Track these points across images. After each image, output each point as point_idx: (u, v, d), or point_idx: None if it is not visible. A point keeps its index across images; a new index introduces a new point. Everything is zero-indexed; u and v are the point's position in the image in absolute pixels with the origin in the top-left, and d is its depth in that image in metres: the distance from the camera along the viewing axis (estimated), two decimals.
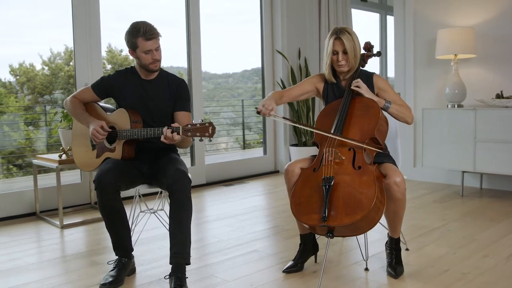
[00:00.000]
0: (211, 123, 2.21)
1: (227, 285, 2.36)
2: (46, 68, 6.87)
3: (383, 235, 2.90)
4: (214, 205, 4.22)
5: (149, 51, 2.41)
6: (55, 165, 3.53)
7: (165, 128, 2.25)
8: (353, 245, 2.93)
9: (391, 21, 6.57)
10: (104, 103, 2.83)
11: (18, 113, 6.10)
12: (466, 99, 4.40)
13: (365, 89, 2.45)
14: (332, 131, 2.38)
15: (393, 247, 2.47)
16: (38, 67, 6.82)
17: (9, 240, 3.23)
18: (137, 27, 2.40)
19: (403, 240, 2.77)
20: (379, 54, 2.72)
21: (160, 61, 2.49)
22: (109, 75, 2.60)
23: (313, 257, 2.63)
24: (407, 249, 2.82)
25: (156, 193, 3.91)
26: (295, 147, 5.54)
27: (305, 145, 5.57)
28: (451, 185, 4.73)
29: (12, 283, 2.46)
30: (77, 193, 4.13)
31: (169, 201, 2.33)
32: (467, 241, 2.98)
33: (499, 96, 4.14)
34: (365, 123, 2.37)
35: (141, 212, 2.94)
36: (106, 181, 2.28)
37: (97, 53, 4.23)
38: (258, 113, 2.38)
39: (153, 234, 3.24)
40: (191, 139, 2.41)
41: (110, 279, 2.33)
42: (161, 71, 2.60)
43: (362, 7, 6.89)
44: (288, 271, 2.50)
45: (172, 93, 2.56)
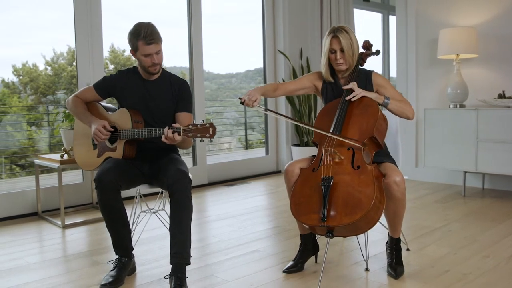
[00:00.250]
0: (211, 123, 2.22)
1: (227, 285, 2.37)
2: (49, 68, 6.88)
3: (383, 235, 2.90)
4: (216, 205, 4.22)
5: (149, 55, 2.41)
6: (56, 165, 3.55)
7: (166, 128, 2.26)
8: (353, 245, 2.92)
9: (393, 21, 6.55)
10: (106, 102, 2.84)
11: (21, 113, 6.12)
12: (468, 99, 4.39)
13: (362, 93, 2.42)
14: (331, 130, 2.38)
15: (393, 247, 2.47)
16: (41, 67, 6.83)
17: (11, 239, 3.24)
18: (138, 29, 2.39)
19: (403, 240, 2.77)
20: (378, 52, 2.70)
21: (160, 65, 2.50)
22: (111, 75, 2.60)
23: (313, 257, 2.63)
24: (408, 249, 2.81)
25: (157, 193, 3.92)
26: (297, 147, 5.54)
27: (307, 145, 5.57)
28: (453, 185, 4.72)
29: (13, 282, 2.47)
30: (79, 193, 4.14)
31: (170, 201, 2.34)
32: (468, 241, 2.97)
33: (501, 96, 4.13)
34: (364, 122, 2.37)
35: (142, 212, 2.95)
36: (106, 180, 2.29)
37: (99, 53, 4.24)
38: (242, 103, 2.36)
39: (154, 234, 3.25)
40: (192, 140, 2.42)
41: (110, 279, 2.34)
42: (164, 71, 2.61)
43: (364, 7, 6.87)
44: (288, 271, 2.50)
45: (174, 93, 2.57)
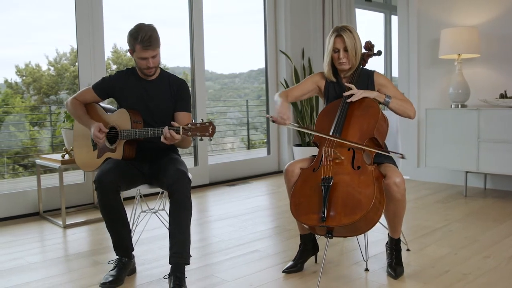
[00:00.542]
0: (211, 122, 2.22)
1: (226, 285, 2.37)
2: (52, 68, 6.91)
3: (383, 236, 2.89)
4: (217, 205, 4.23)
5: (145, 58, 2.41)
6: (57, 165, 3.56)
7: (166, 128, 2.26)
8: (353, 245, 2.92)
9: (395, 20, 6.54)
10: (107, 103, 2.85)
11: (24, 113, 6.14)
12: (470, 99, 4.38)
13: (362, 94, 2.40)
14: (331, 131, 2.37)
15: (393, 247, 2.46)
16: (44, 67, 6.87)
17: (12, 239, 3.25)
18: (137, 32, 2.38)
19: (403, 241, 2.76)
20: (379, 53, 2.70)
21: (156, 68, 2.50)
22: (110, 75, 2.61)
23: (313, 257, 2.63)
24: (408, 249, 2.81)
25: (157, 193, 3.93)
26: (299, 147, 5.54)
27: (308, 145, 5.57)
28: (454, 185, 4.70)
29: (13, 282, 2.48)
30: (80, 193, 4.15)
31: (169, 201, 2.34)
32: (469, 241, 2.96)
33: (503, 96, 4.12)
34: (365, 123, 2.36)
35: (142, 212, 2.96)
36: (106, 181, 2.29)
37: (100, 53, 4.25)
38: (273, 121, 2.32)
39: (154, 234, 3.25)
40: (191, 139, 2.42)
41: (110, 279, 2.35)
42: (162, 71, 2.61)
43: (366, 7, 6.85)
44: (288, 271, 2.50)
45: (173, 93, 2.57)
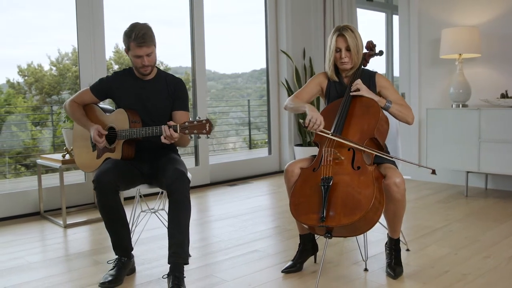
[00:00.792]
0: (208, 120, 2.22)
1: (225, 284, 2.37)
2: (54, 68, 6.93)
3: (383, 236, 2.89)
4: (217, 205, 4.23)
5: (139, 56, 2.42)
6: (58, 165, 3.57)
7: (165, 126, 2.27)
8: (353, 245, 2.92)
9: (397, 20, 6.53)
10: (106, 104, 2.86)
11: (25, 113, 6.16)
12: (471, 99, 4.37)
13: (365, 90, 2.44)
14: (332, 131, 2.37)
15: (392, 247, 2.46)
16: (46, 67, 6.88)
17: (13, 239, 3.26)
18: (131, 30, 2.39)
19: (403, 241, 2.76)
20: (381, 53, 2.70)
21: (152, 66, 2.50)
22: (107, 76, 2.61)
23: (312, 257, 2.63)
24: (407, 249, 2.81)
25: (157, 193, 3.93)
26: (300, 147, 5.54)
27: (309, 145, 5.57)
28: (455, 185, 4.70)
29: (13, 281, 2.48)
30: (81, 192, 4.16)
31: (168, 201, 2.34)
32: (469, 241, 2.96)
33: (503, 96, 4.11)
34: (365, 123, 2.36)
35: (142, 212, 2.96)
36: (105, 181, 2.30)
37: (101, 53, 4.26)
38: (305, 127, 2.33)
39: (154, 234, 3.25)
40: (189, 137, 2.42)
41: (109, 278, 2.35)
42: (159, 71, 2.62)
43: (367, 7, 6.84)
44: (287, 271, 2.50)
45: (170, 92, 2.58)
